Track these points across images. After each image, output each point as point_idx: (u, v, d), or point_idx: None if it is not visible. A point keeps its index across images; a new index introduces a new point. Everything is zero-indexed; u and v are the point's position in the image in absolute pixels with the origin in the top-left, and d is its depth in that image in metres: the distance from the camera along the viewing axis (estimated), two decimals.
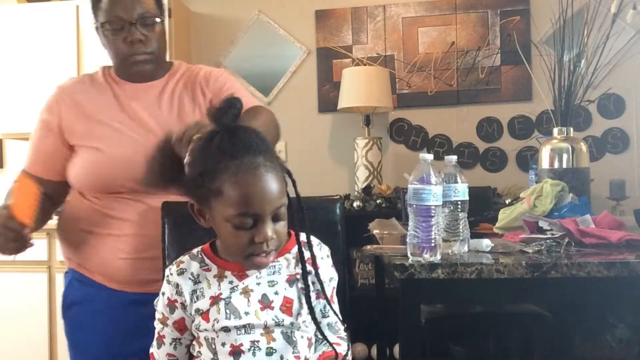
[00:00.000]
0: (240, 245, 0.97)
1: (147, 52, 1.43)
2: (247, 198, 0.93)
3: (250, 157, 0.94)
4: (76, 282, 1.48)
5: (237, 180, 0.93)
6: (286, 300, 1.03)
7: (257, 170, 0.94)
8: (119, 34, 1.40)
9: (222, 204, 0.95)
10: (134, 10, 1.39)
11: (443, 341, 2.76)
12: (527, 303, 2.24)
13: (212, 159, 0.95)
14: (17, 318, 3.08)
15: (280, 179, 0.98)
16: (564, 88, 2.01)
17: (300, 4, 3.54)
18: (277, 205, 0.96)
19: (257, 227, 0.95)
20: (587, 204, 1.78)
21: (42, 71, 3.36)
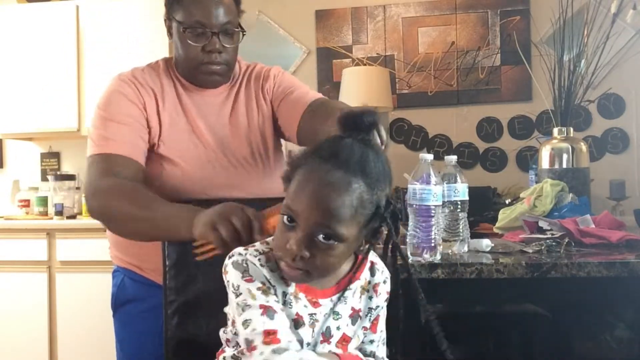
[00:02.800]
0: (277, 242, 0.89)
1: (222, 63, 1.38)
2: (300, 197, 0.85)
3: (331, 167, 0.84)
4: (129, 280, 1.46)
5: (304, 176, 0.86)
6: (344, 338, 0.97)
7: (325, 179, 0.84)
8: (198, 40, 1.34)
9: (287, 193, 0.88)
10: (218, 18, 1.34)
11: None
12: (527, 303, 2.24)
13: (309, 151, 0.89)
14: (17, 318, 3.09)
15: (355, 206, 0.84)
16: (564, 88, 2.01)
17: (300, 4, 3.54)
18: (326, 224, 0.84)
19: (295, 232, 0.85)
20: (587, 204, 1.78)
21: (42, 71, 3.37)
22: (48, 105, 3.36)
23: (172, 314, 1.28)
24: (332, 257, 0.87)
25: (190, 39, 1.34)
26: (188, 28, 1.34)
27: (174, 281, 1.29)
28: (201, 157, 1.39)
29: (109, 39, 3.31)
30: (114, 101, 1.37)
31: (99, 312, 3.01)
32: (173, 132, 1.40)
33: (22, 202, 3.50)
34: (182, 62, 1.41)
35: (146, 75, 1.43)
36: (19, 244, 3.11)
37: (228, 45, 1.38)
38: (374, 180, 0.86)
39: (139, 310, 1.44)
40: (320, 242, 0.84)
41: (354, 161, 0.85)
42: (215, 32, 1.34)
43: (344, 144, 0.86)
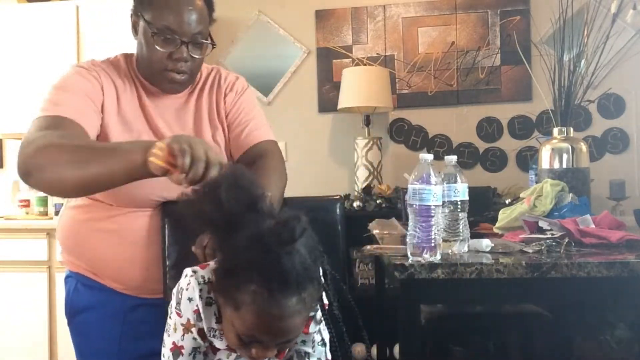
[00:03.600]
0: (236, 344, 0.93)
1: (186, 72, 1.33)
2: (262, 331, 0.89)
3: (285, 297, 0.86)
4: (82, 287, 1.41)
5: (259, 314, 0.87)
6: None
7: (283, 312, 0.86)
8: (166, 47, 1.28)
9: (236, 317, 0.90)
10: (190, 27, 1.28)
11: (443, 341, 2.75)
12: (527, 303, 2.24)
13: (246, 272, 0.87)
14: (17, 318, 3.09)
15: (306, 315, 0.92)
16: (564, 88, 2.01)
17: (300, 4, 3.54)
18: (287, 339, 0.92)
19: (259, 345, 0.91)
20: (587, 204, 1.78)
21: (42, 71, 3.36)
22: None
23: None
24: (290, 346, 0.97)
25: (157, 44, 1.28)
26: (157, 32, 1.28)
27: (174, 281, 1.29)
28: None
29: (109, 39, 3.31)
30: (70, 77, 1.32)
31: None
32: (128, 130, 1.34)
33: (22, 202, 3.50)
34: (144, 64, 1.35)
35: (106, 67, 1.38)
36: (19, 244, 3.11)
37: (196, 56, 1.32)
38: (317, 273, 0.92)
39: (96, 318, 1.39)
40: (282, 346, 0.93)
41: (300, 278, 0.87)
42: (185, 42, 1.29)
43: (285, 266, 0.85)
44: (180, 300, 0.97)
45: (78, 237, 1.39)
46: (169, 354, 1.00)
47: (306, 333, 1.05)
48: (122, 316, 1.37)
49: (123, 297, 1.37)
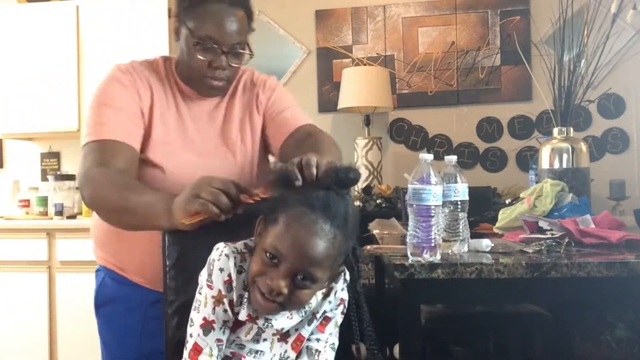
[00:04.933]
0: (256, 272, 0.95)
1: (224, 79, 1.37)
2: (288, 241, 0.92)
3: (320, 217, 0.92)
4: (109, 280, 1.46)
5: (292, 223, 0.92)
6: (299, 337, 1.06)
7: (316, 230, 0.91)
8: (206, 55, 1.32)
9: (271, 231, 0.95)
10: (231, 38, 1.31)
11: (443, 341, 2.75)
12: (527, 303, 2.24)
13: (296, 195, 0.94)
14: (17, 318, 3.09)
15: (332, 254, 0.94)
16: (564, 88, 2.01)
17: (300, 4, 3.54)
18: (308, 269, 0.93)
19: (277, 270, 0.93)
20: (587, 204, 1.78)
21: (42, 71, 3.37)
22: (48, 105, 3.36)
23: (172, 314, 1.28)
24: (306, 295, 0.97)
25: (198, 52, 1.32)
26: (198, 41, 1.32)
27: (174, 281, 1.29)
28: (187, 161, 1.37)
29: (109, 39, 3.31)
30: (110, 88, 1.37)
31: None
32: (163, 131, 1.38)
33: (22, 202, 3.50)
34: (184, 68, 1.40)
35: (144, 69, 1.42)
36: (19, 244, 3.11)
37: (234, 65, 1.37)
38: (350, 233, 0.97)
39: (120, 311, 1.44)
40: (298, 282, 0.94)
41: (340, 216, 0.94)
42: (224, 51, 1.33)
43: (333, 198, 0.94)
44: (211, 272, 1.00)
45: (108, 232, 1.43)
46: (199, 330, 1.00)
47: (322, 332, 1.08)
48: (144, 310, 1.39)
49: (145, 292, 1.40)
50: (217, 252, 1.02)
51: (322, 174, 0.96)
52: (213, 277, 1.00)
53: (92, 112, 1.36)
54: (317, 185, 0.95)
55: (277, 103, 1.47)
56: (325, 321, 1.08)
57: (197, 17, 1.32)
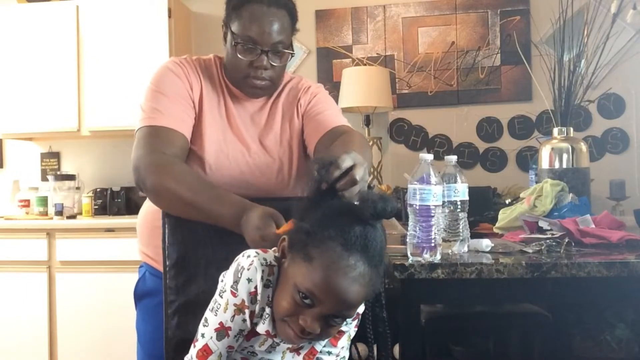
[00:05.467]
0: (287, 310, 0.93)
1: (267, 79, 1.40)
2: (326, 288, 0.88)
3: (359, 260, 0.89)
4: (149, 274, 1.49)
5: (331, 267, 0.88)
6: (312, 351, 1.05)
7: (351, 275, 0.88)
8: (247, 55, 1.36)
9: (304, 269, 0.91)
10: (270, 37, 1.35)
11: (443, 341, 2.75)
12: (527, 303, 2.24)
13: (332, 230, 0.90)
14: (17, 318, 3.09)
15: (366, 296, 0.93)
16: (564, 88, 2.01)
17: (300, 4, 3.50)
18: (344, 313, 0.92)
19: (311, 311, 0.91)
20: (587, 204, 1.78)
21: (42, 71, 3.37)
22: (48, 105, 3.36)
23: (172, 314, 1.28)
24: (336, 329, 0.96)
25: (239, 52, 1.36)
26: (240, 42, 1.36)
27: (174, 281, 1.29)
28: (229, 160, 1.40)
29: (109, 39, 3.31)
30: (165, 77, 1.41)
31: (99, 312, 3.02)
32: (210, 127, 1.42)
33: (22, 202, 3.50)
34: (229, 70, 1.44)
35: (197, 64, 1.47)
36: (19, 244, 3.11)
37: (275, 64, 1.39)
38: (384, 265, 0.95)
39: (154, 304, 1.46)
40: (331, 321, 0.92)
41: (377, 253, 0.91)
42: (265, 51, 1.36)
43: (371, 235, 0.91)
44: (238, 279, 0.97)
45: (146, 226, 1.48)
46: (212, 333, 0.98)
47: (335, 345, 1.07)
48: None
49: None
50: (247, 260, 0.98)
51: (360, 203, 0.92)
52: (239, 285, 0.97)
53: (147, 97, 1.39)
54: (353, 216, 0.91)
55: (316, 106, 1.50)
56: (339, 335, 1.07)
57: (238, 19, 1.37)
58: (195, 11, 3.63)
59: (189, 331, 1.24)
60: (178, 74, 1.41)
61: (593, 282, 1.26)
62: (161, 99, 1.37)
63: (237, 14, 1.37)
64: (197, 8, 3.62)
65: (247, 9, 1.36)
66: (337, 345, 1.07)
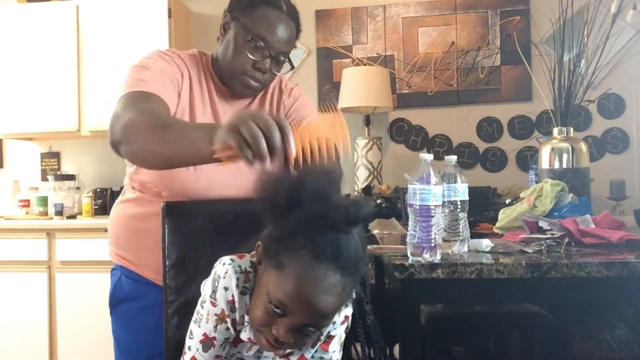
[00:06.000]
0: (260, 319, 0.91)
1: (261, 82, 1.40)
2: (296, 298, 0.86)
3: (330, 270, 0.86)
4: (125, 278, 1.47)
5: (301, 277, 0.86)
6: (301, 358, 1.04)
7: (323, 286, 0.86)
8: (254, 54, 1.35)
9: (275, 278, 0.89)
10: (281, 44, 1.36)
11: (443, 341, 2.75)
12: (527, 303, 2.24)
13: (303, 238, 0.87)
14: (17, 318, 3.09)
15: (340, 305, 0.91)
16: (564, 88, 2.01)
17: (300, 4, 3.50)
18: (317, 323, 0.90)
19: (283, 321, 0.89)
20: (587, 204, 1.78)
21: (42, 71, 3.37)
22: (48, 105, 3.36)
23: (172, 314, 1.28)
24: (311, 339, 0.94)
25: (248, 50, 1.34)
26: (251, 37, 1.34)
27: (174, 281, 1.29)
28: None
29: (109, 39, 3.31)
30: (152, 58, 1.38)
31: (99, 312, 3.01)
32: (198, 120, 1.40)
33: (22, 202, 3.50)
34: (225, 63, 1.40)
35: (185, 57, 1.44)
36: (19, 244, 3.11)
37: (275, 72, 1.40)
38: (360, 273, 0.92)
39: (133, 309, 1.45)
40: (306, 330, 0.90)
41: (350, 261, 0.88)
42: (271, 55, 1.36)
43: (344, 243, 0.87)
44: (216, 289, 0.97)
45: (124, 229, 1.47)
46: (198, 345, 0.98)
47: (326, 350, 1.06)
48: (159, 308, 1.38)
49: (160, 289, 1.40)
50: (222, 268, 0.98)
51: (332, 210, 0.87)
52: (217, 295, 0.96)
53: (131, 73, 1.33)
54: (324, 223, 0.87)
55: (299, 110, 1.50)
56: (329, 339, 1.06)
57: (254, 16, 1.35)
58: (195, 11, 3.63)
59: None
60: (166, 60, 1.38)
61: (593, 282, 1.26)
62: (145, 72, 1.32)
63: (254, 11, 1.35)
64: (197, 8, 3.62)
65: (266, 10, 1.35)
66: (328, 349, 1.06)
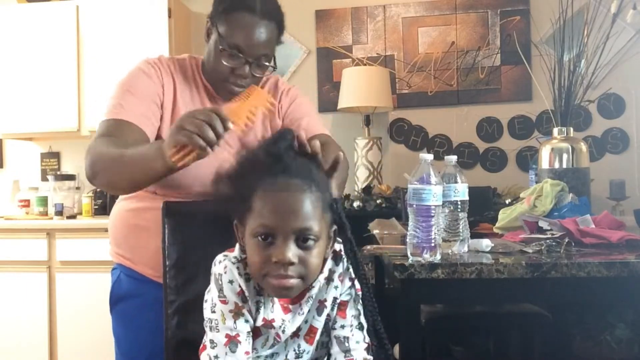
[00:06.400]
0: (259, 262, 0.93)
1: (245, 86, 1.40)
2: (270, 211, 0.92)
3: (286, 177, 0.94)
4: (125, 277, 1.48)
5: (266, 195, 0.93)
6: (311, 329, 1.04)
7: (288, 187, 0.93)
8: (231, 62, 1.36)
9: (251, 218, 0.94)
10: (257, 49, 1.35)
11: (443, 341, 2.75)
12: (527, 303, 2.24)
13: (253, 174, 0.95)
14: (17, 318, 3.09)
15: (317, 205, 0.94)
16: (564, 88, 2.01)
17: (300, 4, 3.54)
18: (301, 226, 0.92)
19: (275, 245, 0.92)
20: (587, 204, 1.78)
21: (42, 71, 3.37)
22: (48, 105, 3.36)
23: (172, 314, 1.28)
24: (314, 256, 0.95)
25: (224, 58, 1.36)
26: (226, 48, 1.35)
27: (174, 281, 1.29)
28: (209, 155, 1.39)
29: (109, 39, 3.32)
30: (135, 77, 1.41)
31: (99, 312, 3.01)
32: None
33: (22, 202, 3.50)
34: (208, 70, 1.44)
35: (171, 65, 1.46)
36: (19, 244, 3.11)
37: (257, 75, 1.40)
38: (322, 184, 0.97)
39: (133, 307, 1.46)
40: (302, 245, 0.93)
41: (303, 171, 0.95)
42: (249, 61, 1.36)
43: (288, 159, 0.96)
44: (221, 286, 0.98)
45: (122, 226, 1.47)
46: (225, 349, 0.95)
47: (344, 317, 1.06)
48: (158, 305, 1.38)
49: (159, 286, 1.40)
50: (219, 265, 1.00)
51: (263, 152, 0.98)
52: (225, 291, 0.97)
53: (114, 94, 1.40)
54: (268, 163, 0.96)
55: (296, 111, 1.50)
56: (343, 306, 1.07)
57: (228, 24, 1.35)
58: (195, 11, 3.63)
59: (188, 331, 1.24)
60: (149, 75, 1.41)
61: (593, 282, 1.26)
62: (127, 96, 1.37)
63: (227, 17, 1.36)
64: (197, 8, 3.62)
65: (238, 16, 1.34)
66: (346, 316, 1.07)
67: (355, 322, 1.08)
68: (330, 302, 1.05)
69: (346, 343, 1.06)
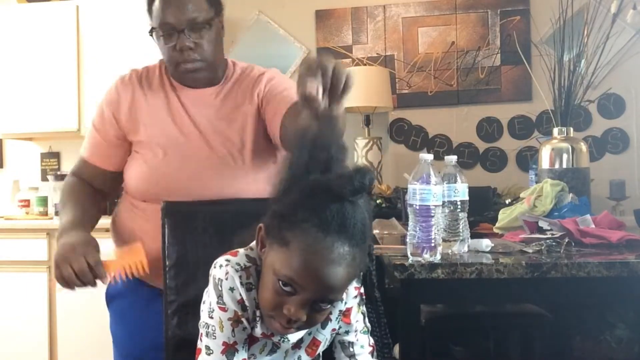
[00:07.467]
0: (269, 302, 0.89)
1: (198, 60, 1.38)
2: (304, 269, 0.84)
3: (337, 241, 0.84)
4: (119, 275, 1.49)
5: (307, 251, 0.84)
6: (314, 342, 1.01)
7: (333, 256, 0.83)
8: (169, 41, 1.37)
9: (281, 255, 0.86)
10: (182, 15, 1.35)
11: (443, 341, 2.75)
12: (527, 303, 2.24)
13: (306, 211, 0.85)
14: (17, 318, 3.09)
15: (352, 277, 0.88)
16: (564, 88, 2.01)
17: (300, 4, 3.54)
18: (327, 297, 0.87)
19: (294, 298, 0.86)
20: (587, 204, 1.78)
21: (42, 71, 3.37)
22: (48, 105, 3.36)
23: (172, 314, 1.28)
24: (325, 314, 0.93)
25: (162, 40, 1.38)
26: (159, 29, 1.37)
27: (174, 281, 1.29)
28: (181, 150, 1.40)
29: (109, 39, 3.31)
30: (100, 109, 1.50)
31: (99, 312, 3.01)
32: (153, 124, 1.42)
33: (22, 202, 3.50)
34: (167, 66, 1.45)
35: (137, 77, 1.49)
36: (19, 244, 3.11)
37: (197, 41, 1.37)
38: (368, 242, 0.91)
39: (127, 304, 1.47)
40: (317, 307, 0.88)
41: (357, 231, 0.86)
42: (181, 30, 1.35)
43: (349, 213, 0.85)
44: (221, 293, 0.93)
45: (123, 228, 1.49)
46: (221, 357, 0.93)
47: (348, 323, 1.04)
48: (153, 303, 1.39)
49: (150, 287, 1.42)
50: (220, 270, 0.94)
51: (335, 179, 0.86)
52: (225, 298, 0.93)
53: (88, 131, 1.54)
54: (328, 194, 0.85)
55: (276, 87, 1.45)
56: (348, 312, 1.03)
57: (154, 12, 1.39)
58: None
59: (188, 331, 1.24)
60: (110, 99, 1.48)
61: (593, 282, 1.27)
62: (93, 133, 1.50)
63: (150, 10, 1.40)
64: None
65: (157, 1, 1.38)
66: (350, 321, 1.04)
67: (360, 326, 1.06)
68: (336, 315, 1.02)
69: (351, 348, 1.04)
